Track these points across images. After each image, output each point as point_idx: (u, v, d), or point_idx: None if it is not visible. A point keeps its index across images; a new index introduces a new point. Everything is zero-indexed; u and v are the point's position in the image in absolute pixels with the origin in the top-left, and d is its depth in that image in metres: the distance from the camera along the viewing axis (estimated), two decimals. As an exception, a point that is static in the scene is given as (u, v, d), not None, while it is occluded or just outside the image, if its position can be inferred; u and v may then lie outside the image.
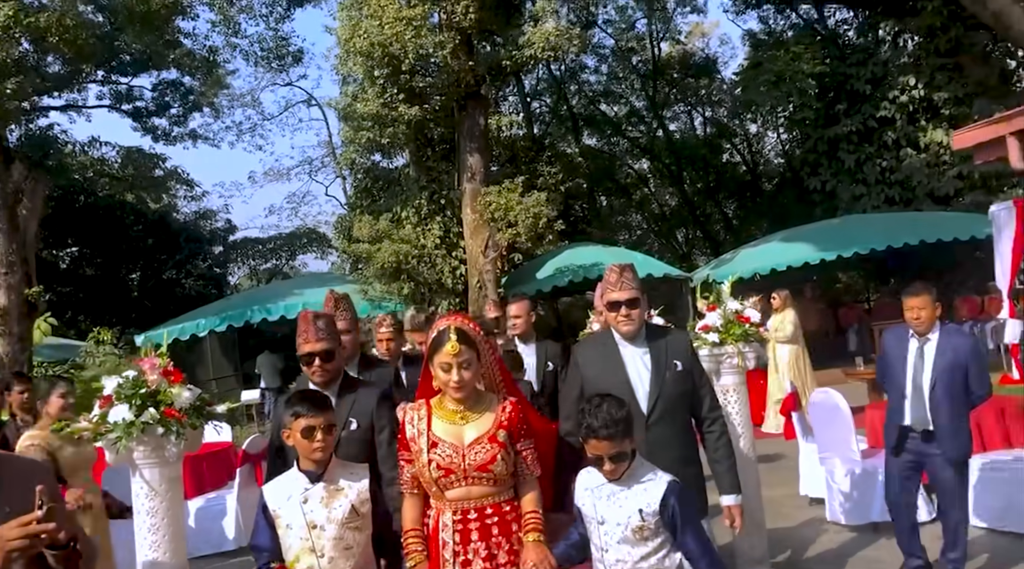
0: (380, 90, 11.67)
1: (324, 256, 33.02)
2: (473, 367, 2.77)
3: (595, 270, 13.09)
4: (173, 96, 24.69)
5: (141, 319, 24.36)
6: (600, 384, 3.24)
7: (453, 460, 2.75)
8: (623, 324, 3.34)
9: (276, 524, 2.82)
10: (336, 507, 2.80)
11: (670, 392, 3.29)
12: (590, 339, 3.85)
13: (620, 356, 3.36)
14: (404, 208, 12.75)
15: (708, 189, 26.23)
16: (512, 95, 23.55)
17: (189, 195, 30.36)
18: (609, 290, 3.39)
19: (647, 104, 25.95)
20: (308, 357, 3.28)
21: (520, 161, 16.10)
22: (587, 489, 2.81)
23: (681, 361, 3.35)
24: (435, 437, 2.80)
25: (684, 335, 3.75)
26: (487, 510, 2.79)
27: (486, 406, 2.86)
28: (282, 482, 2.90)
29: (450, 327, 2.78)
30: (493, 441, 2.77)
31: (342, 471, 2.90)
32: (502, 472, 2.78)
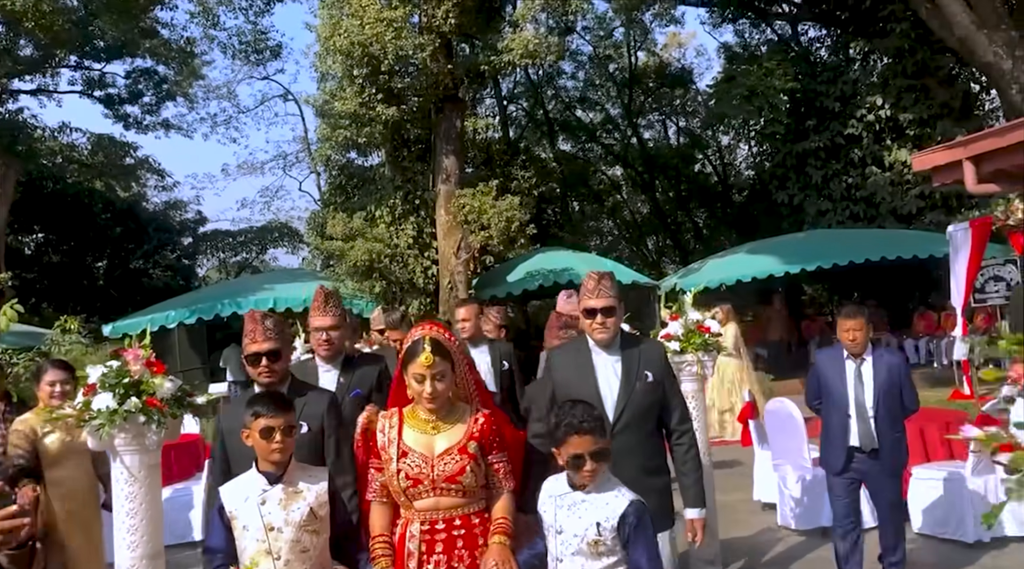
0: (359, 89, 11.76)
1: (295, 251, 32.92)
2: (447, 378, 2.76)
3: (565, 275, 13.29)
4: (146, 84, 24.47)
5: (106, 308, 24.09)
6: (570, 389, 3.27)
7: (422, 470, 2.73)
8: (597, 332, 3.34)
9: (232, 525, 2.78)
10: (294, 510, 2.77)
11: (638, 402, 3.29)
12: (565, 345, 3.86)
13: (592, 363, 3.37)
14: (378, 207, 12.84)
15: (679, 198, 26.61)
16: (489, 97, 23.73)
17: (160, 185, 30.12)
18: (586, 297, 3.39)
19: (622, 112, 26.27)
20: (255, 357, 3.24)
21: (495, 164, 16.26)
22: (551, 496, 2.78)
23: (653, 372, 3.35)
24: (405, 446, 2.78)
25: (659, 346, 3.73)
26: (455, 521, 2.77)
27: (458, 417, 2.84)
28: (240, 483, 2.85)
29: (425, 338, 2.75)
30: (463, 452, 2.75)
31: (301, 474, 2.87)
32: (471, 484, 2.76)
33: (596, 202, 27.42)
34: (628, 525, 2.60)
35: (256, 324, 3.29)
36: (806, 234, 15.46)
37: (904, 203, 15.78)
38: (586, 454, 2.62)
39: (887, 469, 4.35)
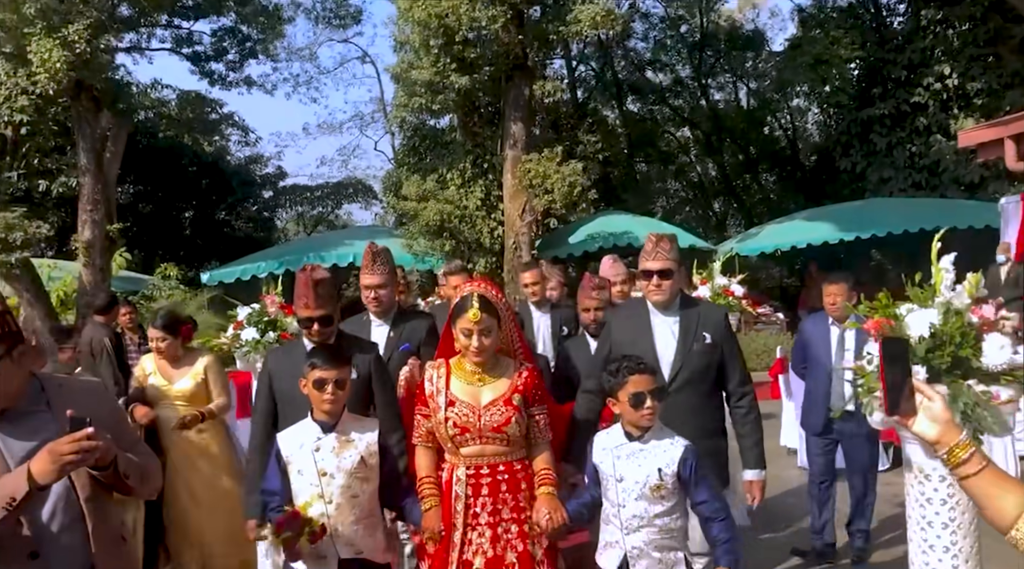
0: (434, 59, 12.53)
1: (368, 207, 34.16)
2: (493, 334, 2.90)
3: (624, 238, 13.95)
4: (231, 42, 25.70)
5: (191, 256, 25.66)
6: (627, 349, 3.30)
7: (469, 419, 2.90)
8: (653, 293, 3.38)
9: (288, 470, 2.97)
10: (346, 457, 2.94)
11: (695, 363, 3.32)
12: (624, 305, 4.03)
13: (650, 324, 3.41)
14: (449, 170, 13.69)
15: (748, 161, 26.64)
16: (558, 58, 24.15)
17: (243, 141, 31.53)
18: (644, 258, 3.42)
19: (692, 73, 26.32)
20: (307, 321, 3.39)
21: (562, 128, 16.89)
22: (605, 448, 2.92)
23: (711, 334, 3.36)
24: (452, 396, 2.94)
25: (719, 309, 3.75)
26: (499, 467, 2.94)
27: (503, 370, 2.99)
28: (296, 430, 3.04)
29: (473, 294, 2.90)
30: (508, 404, 2.91)
31: (353, 424, 3.04)
32: (515, 434, 2.92)
33: (662, 164, 27.66)
34: (688, 468, 2.76)
35: (308, 290, 3.39)
36: (864, 202, 15.67)
37: (967, 172, 15.81)
38: (646, 391, 2.75)
39: (863, 432, 4.51)
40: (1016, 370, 2.14)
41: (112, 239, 12.08)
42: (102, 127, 11.75)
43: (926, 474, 2.41)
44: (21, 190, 18.13)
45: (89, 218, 11.67)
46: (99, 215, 11.70)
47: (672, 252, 3.40)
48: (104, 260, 11.83)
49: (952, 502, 2.33)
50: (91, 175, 11.64)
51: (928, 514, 2.40)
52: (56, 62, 10.36)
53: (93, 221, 11.65)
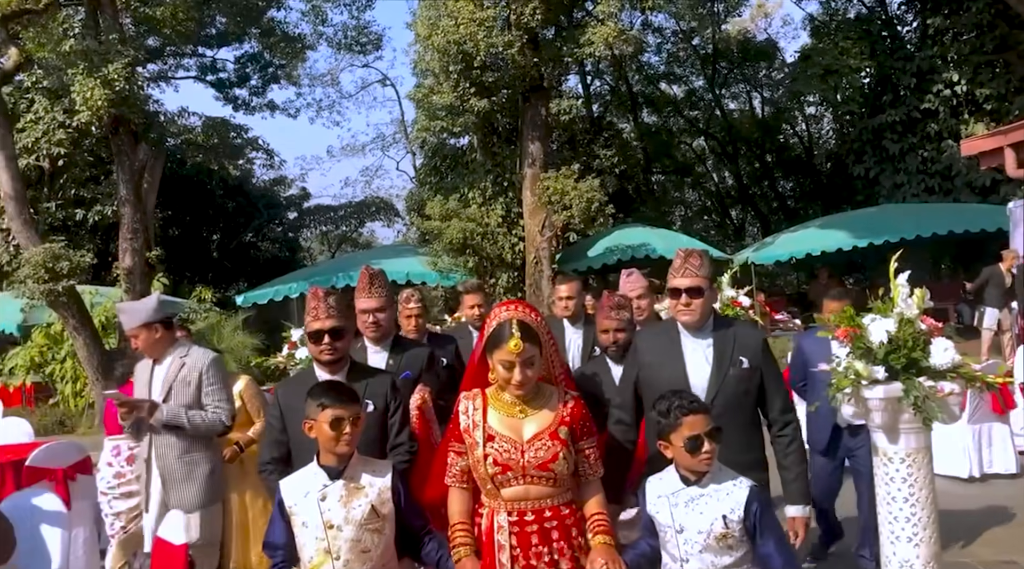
0: (454, 83, 13.04)
1: (390, 224, 34.82)
2: (536, 364, 2.60)
3: (642, 250, 14.35)
4: (253, 68, 26.53)
5: (218, 278, 26.32)
6: (656, 374, 3.10)
7: (511, 456, 2.58)
8: (682, 313, 3.10)
9: (292, 521, 2.70)
10: (355, 507, 2.67)
11: (731, 389, 3.01)
12: (653, 327, 3.68)
13: (680, 347, 3.12)
14: (471, 189, 14.19)
15: (764, 169, 26.96)
16: (573, 74, 24.64)
17: (268, 164, 32.31)
18: (672, 275, 3.16)
19: (705, 84, 26.72)
20: (317, 334, 3.18)
21: (578, 144, 17.36)
22: (661, 496, 2.64)
23: (748, 357, 3.06)
24: (491, 430, 2.63)
25: (756, 331, 3.47)
26: (545, 513, 2.61)
27: (546, 400, 2.68)
28: (300, 477, 2.77)
29: (512, 320, 2.60)
30: (554, 438, 2.60)
31: (363, 467, 2.76)
32: (563, 471, 2.60)
33: (679, 175, 28.03)
34: (754, 514, 2.51)
35: (319, 301, 3.23)
36: (877, 208, 15.97)
37: (979, 176, 16.05)
38: (703, 434, 2.53)
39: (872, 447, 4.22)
40: (958, 367, 2.59)
41: (151, 265, 12.64)
42: (140, 159, 12.34)
43: (889, 457, 2.82)
44: (59, 220, 18.87)
45: (129, 246, 12.24)
46: (139, 243, 12.26)
47: (703, 268, 3.12)
48: (144, 285, 12.37)
49: (911, 480, 2.74)
50: (130, 205, 12.22)
51: (892, 490, 2.81)
52: (98, 100, 10.95)
53: (133, 249, 12.21)
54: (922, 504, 2.71)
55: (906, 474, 2.75)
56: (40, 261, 11.00)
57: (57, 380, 13.62)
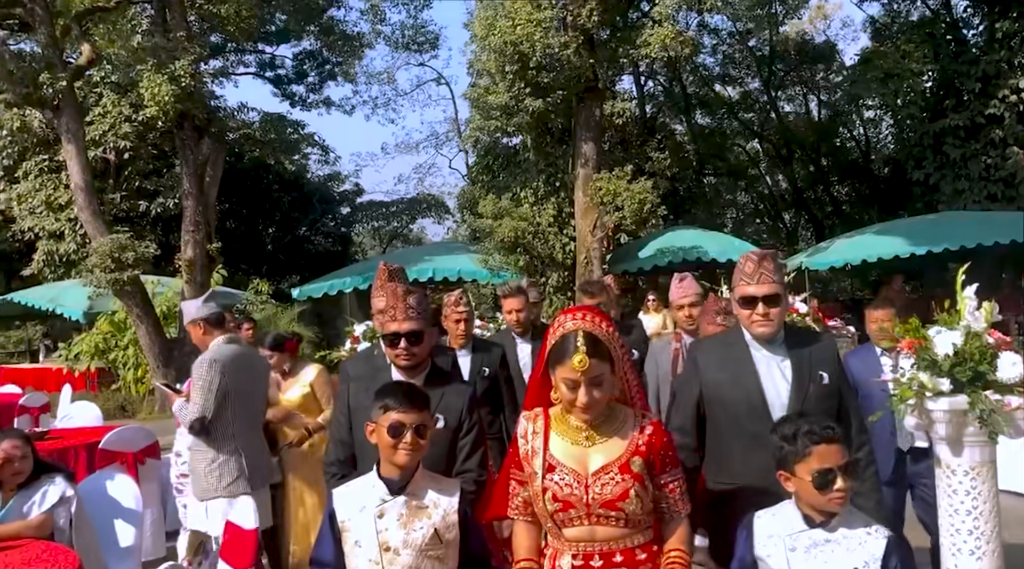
0: (509, 83, 13.13)
1: (440, 221, 35.17)
2: (606, 383, 2.24)
3: (694, 252, 14.26)
4: (311, 65, 27.05)
5: (272, 271, 26.89)
6: (725, 392, 2.81)
7: (573, 492, 2.23)
8: (758, 325, 2.78)
9: (343, 538, 2.40)
10: (417, 528, 2.37)
11: (813, 410, 2.64)
12: (715, 338, 3.30)
13: (752, 361, 2.82)
14: (523, 188, 14.27)
15: (819, 173, 26.54)
16: (627, 74, 24.56)
17: (323, 159, 32.87)
18: (743, 283, 2.83)
19: (761, 86, 26.41)
20: (393, 338, 2.90)
21: (631, 146, 17.32)
22: (773, 536, 2.28)
23: (828, 373, 2.78)
24: (552, 459, 2.28)
25: (830, 341, 3.07)
26: (615, 557, 2.26)
27: (618, 425, 2.31)
28: (356, 488, 2.46)
29: (578, 332, 2.23)
30: (625, 471, 2.23)
31: (429, 484, 2.46)
32: (635, 511, 2.24)
33: (732, 177, 27.76)
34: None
35: (397, 300, 2.94)
36: (938, 215, 15.60)
37: (1046, 184, 15.64)
38: (836, 468, 2.16)
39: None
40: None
41: (212, 257, 13.01)
42: (203, 153, 12.71)
43: (952, 469, 2.81)
44: (123, 211, 19.48)
45: (191, 238, 12.61)
46: (200, 235, 12.63)
47: (778, 273, 2.83)
48: (204, 277, 12.75)
49: (975, 493, 2.72)
50: (193, 198, 12.59)
51: (955, 503, 2.79)
52: (165, 96, 11.30)
53: (195, 241, 12.59)
54: (985, 517, 2.70)
55: (969, 487, 2.74)
56: (107, 251, 11.41)
57: (120, 366, 14.12)
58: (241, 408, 4.29)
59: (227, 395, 4.19)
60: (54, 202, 16.99)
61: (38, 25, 11.90)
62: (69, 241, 16.80)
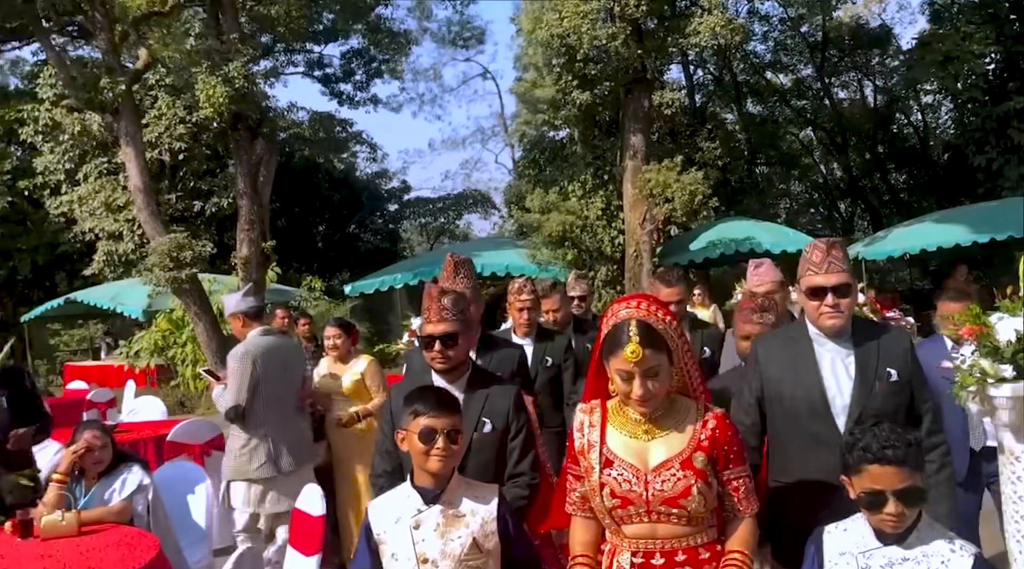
0: (557, 76, 13.07)
1: (487, 216, 35.33)
2: (663, 374, 2.15)
3: (747, 244, 14.05)
4: (358, 63, 27.37)
5: (322, 268, 27.32)
6: (785, 389, 2.71)
7: (632, 487, 2.16)
8: (828, 317, 2.65)
9: (380, 551, 2.34)
10: (454, 538, 2.29)
11: (878, 408, 2.55)
12: (776, 332, 3.16)
13: (815, 357, 2.70)
14: (571, 182, 14.21)
15: (875, 160, 25.92)
16: (676, 64, 24.28)
17: (371, 157, 33.25)
18: (811, 272, 2.68)
19: (814, 72, 25.87)
20: (428, 339, 2.85)
21: (680, 136, 17.12)
22: (845, 553, 2.12)
23: (897, 369, 2.64)
24: (610, 453, 2.21)
25: (903, 335, 2.89)
26: (678, 555, 2.18)
27: (680, 418, 2.23)
28: (391, 500, 2.41)
29: (631, 321, 2.13)
30: (687, 466, 2.15)
31: (466, 492, 2.38)
32: (698, 509, 2.16)
33: (784, 166, 27.26)
34: None
35: (432, 301, 2.89)
36: (1001, 202, 15.09)
37: (1117, 168, 15.02)
38: (888, 492, 2.00)
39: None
40: None
41: (266, 255, 13.23)
42: (257, 153, 12.93)
43: (1016, 456, 2.73)
44: (179, 211, 19.95)
45: (246, 237, 12.84)
46: (255, 233, 12.86)
47: (847, 261, 2.69)
48: (259, 274, 12.98)
49: (1039, 480, 2.65)
50: (248, 197, 12.82)
51: (1019, 490, 2.72)
52: (219, 97, 11.52)
53: (250, 239, 12.81)
54: (1051, 505, 2.63)
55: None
56: (166, 250, 11.69)
57: (178, 363, 14.46)
58: (273, 397, 4.53)
59: (258, 385, 4.45)
60: (113, 204, 17.44)
61: (97, 31, 12.23)
62: (127, 241, 17.24)
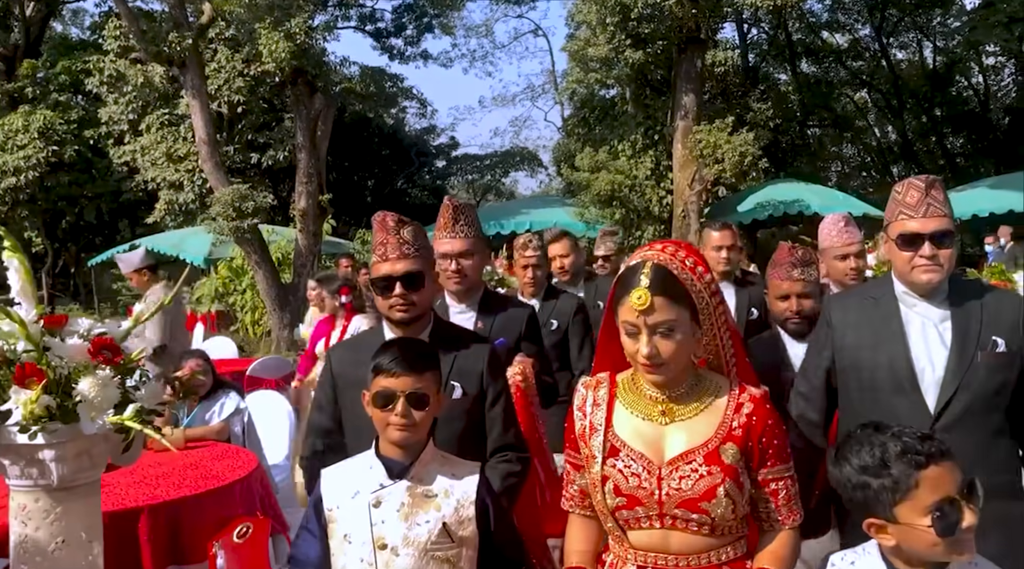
0: (610, 36, 13.14)
1: (533, 174, 35.50)
2: (681, 335, 1.72)
3: (795, 206, 14.08)
4: (409, 18, 27.50)
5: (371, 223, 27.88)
6: (864, 358, 2.28)
7: (642, 484, 1.74)
8: (923, 270, 2.19)
9: (329, 530, 1.95)
10: (421, 522, 1.91)
11: (980, 384, 2.15)
12: (855, 291, 2.68)
13: (901, 320, 2.25)
14: (620, 141, 14.35)
15: (932, 124, 25.41)
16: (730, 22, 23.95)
17: (420, 113, 33.49)
18: (904, 216, 2.22)
19: (872, 32, 25.33)
20: (384, 282, 2.30)
21: (732, 96, 17.05)
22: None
23: (1006, 338, 2.18)
24: (616, 439, 1.80)
25: (1014, 297, 2.47)
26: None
27: (708, 398, 1.80)
28: (350, 469, 2.01)
29: (645, 263, 1.74)
30: (713, 461, 1.73)
31: (441, 468, 1.98)
32: (724, 516, 1.73)
33: (837, 129, 26.87)
34: None
35: (388, 234, 2.33)
36: (1060, 168, 14.87)
37: None
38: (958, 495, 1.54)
39: None
40: None
41: (323, 208, 13.68)
42: (316, 108, 13.30)
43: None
44: (237, 163, 20.50)
45: (304, 189, 13.29)
46: (313, 186, 13.30)
47: (947, 205, 2.23)
48: (316, 226, 13.45)
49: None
50: (306, 151, 13.23)
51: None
52: (282, 53, 11.87)
53: (308, 192, 13.26)
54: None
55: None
56: (229, 200, 12.17)
57: (238, 309, 15.08)
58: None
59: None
60: (174, 154, 18.02)
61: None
62: (188, 191, 17.83)
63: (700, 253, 1.86)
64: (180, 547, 3.03)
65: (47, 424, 1.64)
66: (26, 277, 1.76)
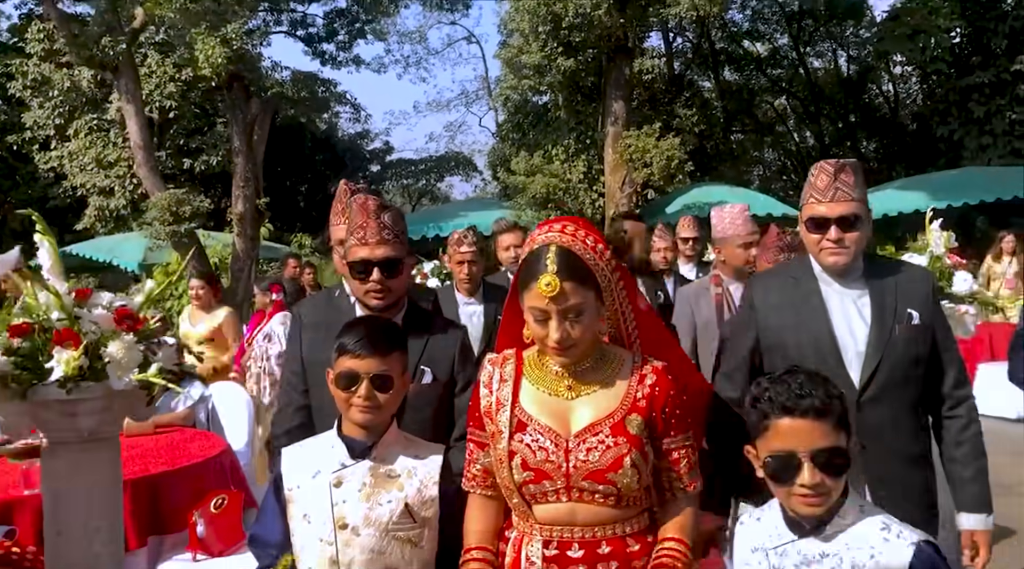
0: (542, 43, 13.61)
1: (468, 179, 35.87)
2: (588, 316, 1.75)
3: (720, 207, 14.77)
4: (341, 23, 27.57)
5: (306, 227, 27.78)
6: (788, 337, 2.32)
7: (549, 457, 1.76)
8: (829, 253, 2.28)
9: (289, 510, 1.95)
10: (383, 502, 1.90)
11: (899, 356, 2.24)
12: (775, 270, 2.78)
13: (822, 299, 2.32)
14: (554, 146, 14.85)
15: (847, 129, 26.72)
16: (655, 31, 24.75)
17: (354, 118, 33.52)
18: (813, 200, 2.31)
19: (790, 42, 26.51)
20: (362, 267, 2.25)
21: (659, 102, 17.75)
22: (757, 549, 1.73)
23: (919, 310, 2.28)
24: (523, 414, 1.81)
25: (924, 272, 2.54)
26: (601, 546, 1.76)
27: (611, 372, 1.83)
28: (311, 448, 2.01)
29: (549, 247, 1.74)
30: (619, 432, 1.76)
31: (405, 449, 1.98)
32: (630, 486, 1.76)
33: (759, 134, 28.00)
34: None
35: (368, 218, 2.25)
36: (959, 170, 15.97)
37: (1070, 140, 15.90)
38: (802, 453, 1.58)
39: None
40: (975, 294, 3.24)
41: (260, 212, 13.76)
42: (252, 112, 13.39)
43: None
44: (169, 168, 20.30)
45: (241, 193, 13.35)
46: (250, 191, 13.36)
47: (859, 189, 2.28)
48: (254, 230, 13.52)
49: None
50: (243, 155, 13.30)
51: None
52: (218, 58, 11.95)
53: (245, 196, 13.32)
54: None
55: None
56: (166, 205, 12.18)
57: (174, 315, 14.99)
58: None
59: None
60: (104, 159, 17.80)
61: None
62: (119, 197, 17.64)
63: (597, 229, 1.89)
64: (160, 518, 3.29)
65: (81, 382, 1.92)
66: (55, 256, 2.03)
